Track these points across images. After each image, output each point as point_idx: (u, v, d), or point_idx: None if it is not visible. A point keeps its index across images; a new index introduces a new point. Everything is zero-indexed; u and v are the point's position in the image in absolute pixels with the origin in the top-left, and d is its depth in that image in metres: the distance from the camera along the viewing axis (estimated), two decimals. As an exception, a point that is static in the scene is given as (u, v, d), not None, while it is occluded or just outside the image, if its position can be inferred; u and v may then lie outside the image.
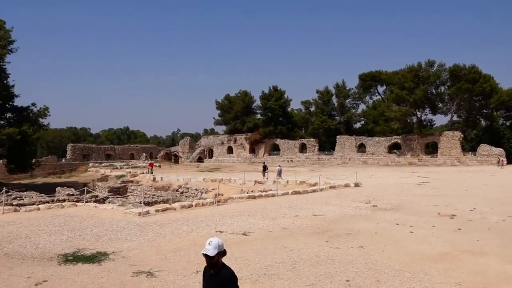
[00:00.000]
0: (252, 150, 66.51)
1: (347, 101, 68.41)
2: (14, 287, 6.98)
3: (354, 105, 69.79)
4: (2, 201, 18.44)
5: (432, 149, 56.62)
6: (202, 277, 3.99)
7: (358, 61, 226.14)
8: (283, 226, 12.10)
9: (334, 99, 68.83)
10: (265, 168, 33.05)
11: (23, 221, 13.91)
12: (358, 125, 70.46)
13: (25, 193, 25.81)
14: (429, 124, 61.95)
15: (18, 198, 23.04)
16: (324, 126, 64.46)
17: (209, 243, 3.72)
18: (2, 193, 19.61)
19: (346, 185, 23.86)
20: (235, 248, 9.46)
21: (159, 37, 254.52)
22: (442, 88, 56.64)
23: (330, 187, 22.98)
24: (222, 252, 3.75)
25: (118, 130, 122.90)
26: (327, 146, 67.15)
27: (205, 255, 3.71)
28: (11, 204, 18.91)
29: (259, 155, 64.92)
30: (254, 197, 19.29)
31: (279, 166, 33.51)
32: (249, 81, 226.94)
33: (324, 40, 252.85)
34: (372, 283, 6.96)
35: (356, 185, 24.00)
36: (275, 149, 66.69)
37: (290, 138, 64.96)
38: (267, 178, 30.04)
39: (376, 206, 16.17)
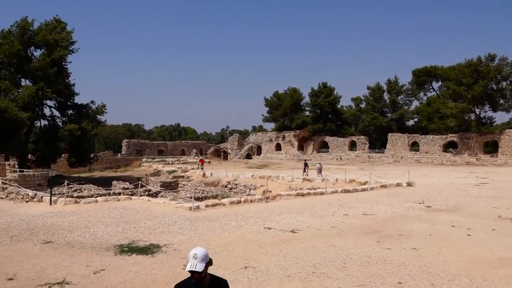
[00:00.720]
0: (301, 148, 66.12)
1: (399, 97, 66.14)
2: (75, 274, 7.40)
3: (407, 101, 67.28)
4: (64, 193, 19.65)
5: (491, 148, 53.45)
6: None
7: (411, 57, 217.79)
8: (332, 225, 11.95)
9: (386, 96, 66.75)
10: (306, 165, 33.32)
11: (82, 212, 14.72)
12: (411, 122, 67.94)
13: (84, 186, 27.30)
14: (488, 121, 58.45)
15: (78, 191, 24.41)
16: (375, 123, 62.78)
17: (194, 257, 3.10)
18: (64, 186, 20.89)
19: (398, 184, 23.13)
20: (283, 245, 9.47)
21: (209, 32, 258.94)
22: (504, 83, 53.26)
23: (381, 186, 22.38)
24: (209, 263, 3.21)
25: (169, 126, 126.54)
26: (378, 144, 65.36)
27: (193, 272, 3.11)
28: (72, 196, 20.06)
29: (308, 152, 64.43)
30: (302, 195, 19.19)
31: (319, 163, 33.34)
32: (298, 78, 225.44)
33: (375, 36, 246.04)
34: (426, 287, 6.70)
35: (409, 184, 23.21)
36: (324, 147, 65.87)
37: (339, 136, 63.86)
38: (307, 175, 30.25)
39: (430, 206, 15.55)
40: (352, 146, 61.25)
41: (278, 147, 69.16)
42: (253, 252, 8.92)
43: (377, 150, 60.56)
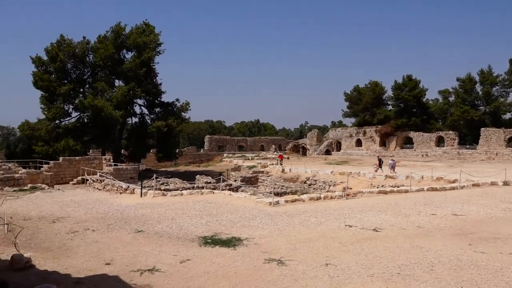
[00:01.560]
0: (383, 143, 63.61)
1: (494, 89, 60.73)
2: (163, 263, 7.86)
3: (503, 93, 61.45)
4: (153, 186, 20.96)
5: None
6: None
7: (508, 45, 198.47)
8: (417, 225, 11.35)
9: (478, 87, 61.72)
10: (380, 162, 32.32)
11: (169, 204, 15.60)
12: (507, 115, 62.11)
13: (170, 179, 28.88)
14: None
15: (165, 184, 25.89)
16: (465, 117, 58.37)
17: None
18: (153, 179, 22.27)
19: (493, 183, 21.30)
20: (365, 244, 9.20)
21: (288, 28, 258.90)
22: None
23: (473, 185, 20.76)
24: None
25: (249, 122, 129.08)
26: (468, 139, 60.79)
27: None
28: (160, 189, 21.32)
29: (390, 148, 61.82)
30: (385, 192, 18.49)
31: (392, 160, 32.03)
32: (379, 71, 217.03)
33: (465, 25, 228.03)
34: (528, 296, 6.09)
35: (506, 183, 21.25)
36: (408, 142, 62.71)
37: (425, 131, 60.35)
38: (376, 171, 29.82)
39: (531, 208, 14.10)
40: (439, 142, 57.62)
41: (359, 143, 67.27)
42: (333, 249, 8.79)
43: (467, 146, 56.30)
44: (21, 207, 15.42)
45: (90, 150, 47.05)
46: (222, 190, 21.18)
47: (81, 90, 40.52)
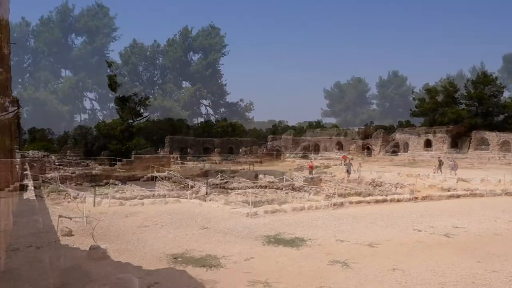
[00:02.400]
0: (455, 144, 60.00)
1: None
2: (229, 260, 8.03)
3: None
4: (217, 184, 21.52)
5: None
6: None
7: None
8: (494, 232, 10.61)
9: None
10: (440, 163, 31.33)
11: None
12: None
13: (234, 178, 29.45)
14: None
15: (228, 183, 26.43)
16: (550, 116, 53.53)
17: None
18: (217, 178, 22.85)
19: None
20: (435, 250, 8.77)
21: (343, 29, 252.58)
22: None
23: (560, 191, 18.99)
24: None
25: (312, 122, 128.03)
26: (554, 140, 55.55)
27: None
28: (224, 187, 21.83)
29: (463, 150, 58.18)
30: (457, 196, 17.49)
31: (452, 161, 30.35)
32: (449, 68, 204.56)
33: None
34: None
35: None
36: (483, 144, 58.60)
37: (503, 131, 56.10)
38: (434, 172, 29.13)
39: None
40: (520, 143, 53.27)
41: (428, 144, 64.02)
42: (401, 254, 8.47)
43: (553, 148, 51.52)
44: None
45: (159, 149, 49.28)
46: (285, 190, 21.22)
47: (151, 91, 42.66)
